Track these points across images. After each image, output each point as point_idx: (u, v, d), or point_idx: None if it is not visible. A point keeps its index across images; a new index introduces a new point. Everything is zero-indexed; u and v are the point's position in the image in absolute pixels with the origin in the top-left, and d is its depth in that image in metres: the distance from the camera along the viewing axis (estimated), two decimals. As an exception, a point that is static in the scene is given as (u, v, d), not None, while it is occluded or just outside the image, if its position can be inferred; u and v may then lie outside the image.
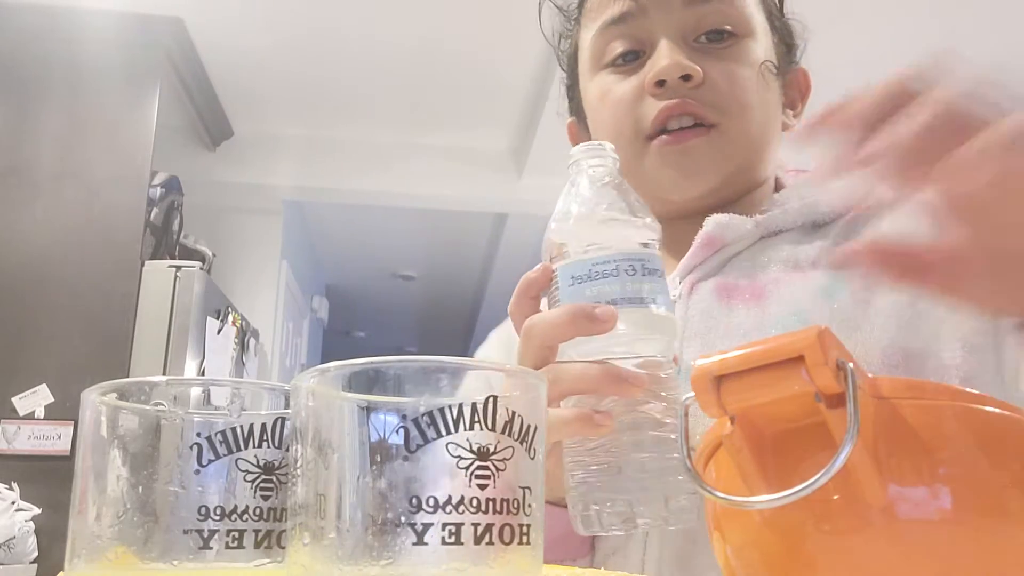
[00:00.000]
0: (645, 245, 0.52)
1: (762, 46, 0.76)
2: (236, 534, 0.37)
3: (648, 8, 0.73)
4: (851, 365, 0.34)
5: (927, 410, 0.36)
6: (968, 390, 0.37)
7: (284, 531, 0.37)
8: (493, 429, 0.32)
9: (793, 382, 0.34)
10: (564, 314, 0.51)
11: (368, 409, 0.33)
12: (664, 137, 0.72)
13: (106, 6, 2.93)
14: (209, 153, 3.84)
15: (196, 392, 0.40)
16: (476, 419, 0.32)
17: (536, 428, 0.34)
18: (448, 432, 0.32)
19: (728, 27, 0.73)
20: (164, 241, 2.99)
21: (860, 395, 0.34)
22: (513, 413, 0.33)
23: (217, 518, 0.37)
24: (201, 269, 2.83)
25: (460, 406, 0.32)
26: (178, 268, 2.78)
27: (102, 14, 2.93)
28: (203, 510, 0.37)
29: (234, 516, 0.37)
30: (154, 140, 2.92)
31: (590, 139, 0.80)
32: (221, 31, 3.19)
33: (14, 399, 2.57)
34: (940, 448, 0.35)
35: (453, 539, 0.31)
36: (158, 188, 2.95)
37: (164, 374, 2.67)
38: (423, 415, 0.32)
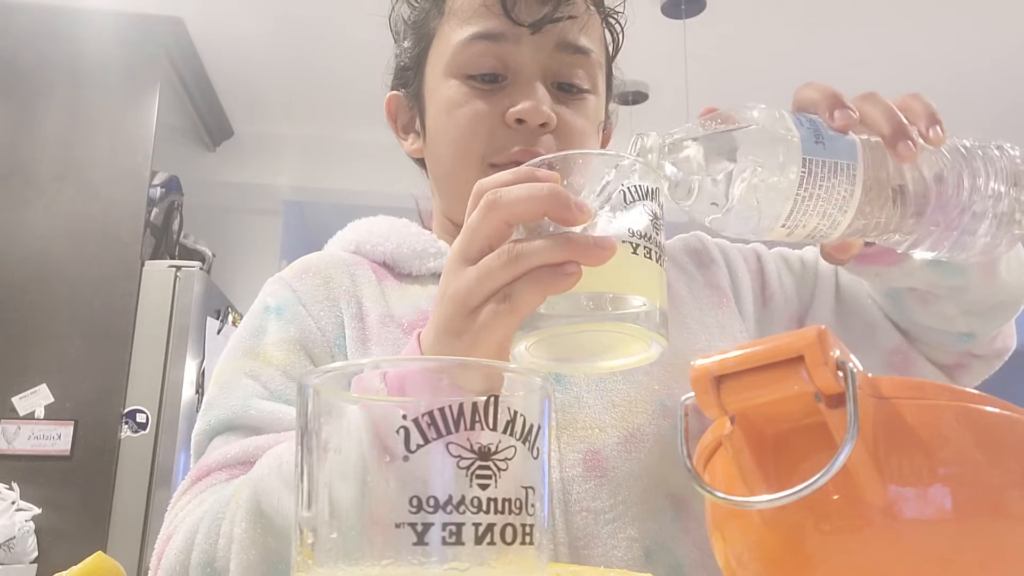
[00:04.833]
0: None
1: (600, 105, 0.81)
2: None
3: (522, 38, 0.74)
4: (851, 365, 0.34)
5: (927, 410, 0.36)
6: (968, 390, 0.37)
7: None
8: (494, 429, 0.32)
9: (793, 382, 0.34)
10: (544, 191, 0.46)
11: (369, 409, 0.33)
12: None
13: (106, 6, 2.93)
14: (209, 153, 3.84)
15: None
16: (477, 419, 0.32)
17: (539, 428, 0.34)
18: (448, 432, 0.32)
19: (582, 82, 0.77)
20: (164, 241, 2.99)
21: (860, 395, 0.34)
22: (515, 413, 0.33)
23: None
24: (201, 269, 2.83)
25: (461, 405, 0.32)
26: (178, 268, 2.78)
27: (102, 14, 2.93)
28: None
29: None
30: (154, 140, 2.92)
31: (414, 120, 0.87)
32: (221, 31, 3.19)
33: (14, 399, 2.57)
34: (940, 448, 0.35)
35: (454, 539, 0.31)
36: (158, 188, 2.95)
37: (164, 374, 2.67)
38: (423, 415, 0.32)
